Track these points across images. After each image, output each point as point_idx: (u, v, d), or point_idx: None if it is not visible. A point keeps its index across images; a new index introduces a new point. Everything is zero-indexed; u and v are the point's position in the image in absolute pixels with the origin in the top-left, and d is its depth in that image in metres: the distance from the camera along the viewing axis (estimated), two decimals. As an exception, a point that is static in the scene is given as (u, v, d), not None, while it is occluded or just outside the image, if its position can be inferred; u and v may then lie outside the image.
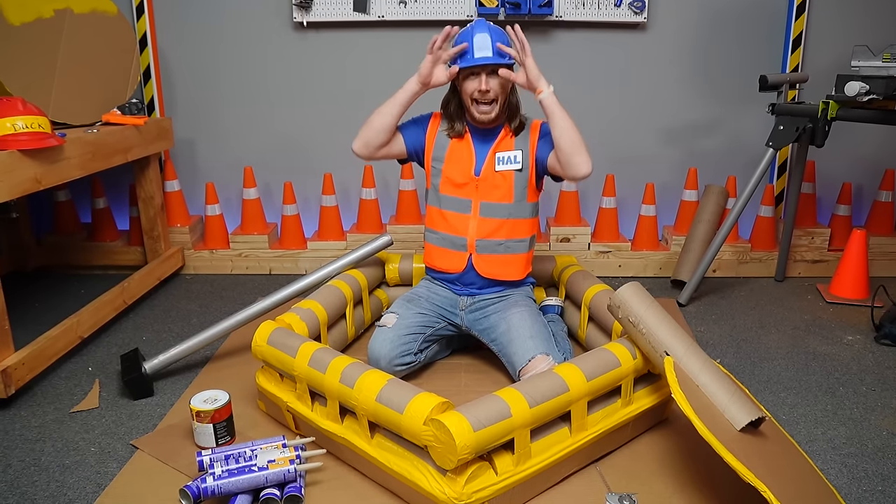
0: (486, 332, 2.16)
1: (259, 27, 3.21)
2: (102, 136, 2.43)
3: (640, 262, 3.23)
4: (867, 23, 3.18)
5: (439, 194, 2.23)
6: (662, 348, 1.65)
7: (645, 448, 1.80)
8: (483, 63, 2.04)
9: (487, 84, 2.06)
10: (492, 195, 2.17)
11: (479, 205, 2.18)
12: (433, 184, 2.25)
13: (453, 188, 2.20)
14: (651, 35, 3.21)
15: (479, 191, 2.18)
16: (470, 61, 2.06)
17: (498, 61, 2.05)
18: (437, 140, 2.23)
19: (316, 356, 1.73)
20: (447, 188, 2.21)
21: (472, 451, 1.41)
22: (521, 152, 2.17)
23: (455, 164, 2.20)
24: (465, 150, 2.20)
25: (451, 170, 2.20)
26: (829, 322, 2.68)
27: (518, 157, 2.17)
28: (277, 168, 3.40)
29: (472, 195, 2.18)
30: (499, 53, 2.05)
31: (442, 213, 2.22)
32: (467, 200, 2.19)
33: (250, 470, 1.55)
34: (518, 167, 2.16)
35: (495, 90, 2.08)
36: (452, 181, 2.19)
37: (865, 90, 2.21)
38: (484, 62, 2.04)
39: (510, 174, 2.17)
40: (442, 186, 2.21)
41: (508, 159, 2.17)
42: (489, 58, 2.04)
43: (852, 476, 1.69)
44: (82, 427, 1.92)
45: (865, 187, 3.43)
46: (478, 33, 2.05)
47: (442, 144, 2.22)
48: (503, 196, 2.17)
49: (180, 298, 2.93)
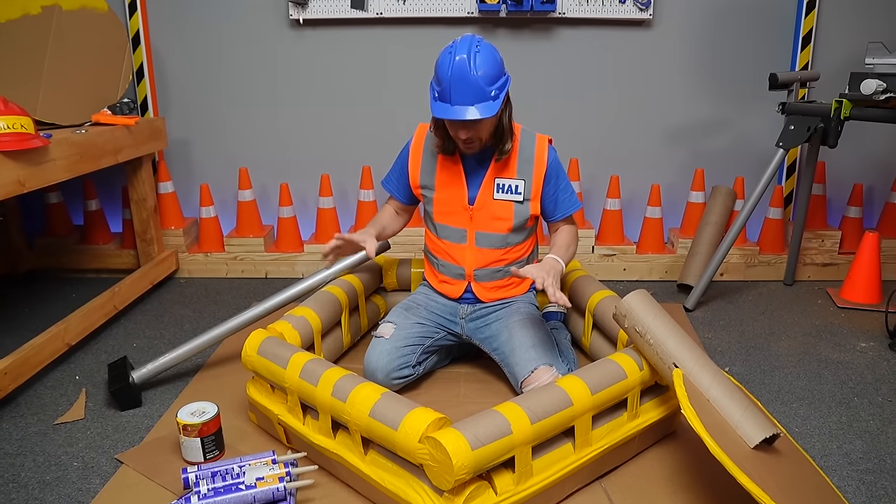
0: (487, 341, 2.08)
1: (255, 24, 3.13)
2: (91, 136, 2.36)
3: (646, 266, 3.15)
4: (878, 20, 3.09)
5: (434, 222, 2.10)
6: (671, 360, 1.57)
7: (652, 463, 1.72)
8: (459, 119, 1.77)
9: (466, 133, 1.84)
10: (488, 225, 2.02)
11: (474, 235, 2.04)
12: (426, 211, 2.13)
13: (447, 217, 2.06)
14: (656, 32, 3.13)
15: (473, 221, 2.03)
16: (446, 112, 1.77)
17: (478, 117, 1.75)
18: (422, 167, 2.08)
19: (307, 367, 1.65)
20: (441, 217, 2.07)
21: (470, 471, 1.33)
22: (523, 182, 1.99)
23: (446, 192, 2.04)
24: (455, 177, 2.03)
25: (443, 198, 2.05)
26: (841, 328, 2.59)
27: (520, 188, 1.99)
28: (274, 169, 3.32)
29: (466, 225, 2.04)
30: (481, 97, 1.76)
31: (438, 241, 2.11)
32: (462, 230, 2.05)
33: (237, 488, 1.48)
34: (519, 199, 2.00)
35: (478, 133, 1.86)
36: (445, 209, 2.05)
37: (882, 88, 2.13)
38: (460, 118, 1.77)
39: (510, 205, 2.01)
40: (436, 215, 2.08)
41: (509, 188, 1.99)
42: (467, 113, 1.76)
43: (871, 494, 1.61)
44: (66, 440, 1.84)
45: (877, 189, 3.34)
46: (457, 71, 1.73)
47: (429, 170, 2.05)
48: (500, 226, 2.02)
49: (173, 303, 2.86)
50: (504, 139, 1.94)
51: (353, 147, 3.28)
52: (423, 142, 2.10)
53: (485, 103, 1.78)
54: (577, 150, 3.17)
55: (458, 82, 1.74)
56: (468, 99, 1.76)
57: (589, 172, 3.25)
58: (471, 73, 1.74)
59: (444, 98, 1.79)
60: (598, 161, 3.27)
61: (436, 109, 1.82)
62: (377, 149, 3.24)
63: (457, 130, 1.86)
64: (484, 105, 1.78)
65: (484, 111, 1.77)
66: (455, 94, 1.76)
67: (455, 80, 1.74)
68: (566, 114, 3.18)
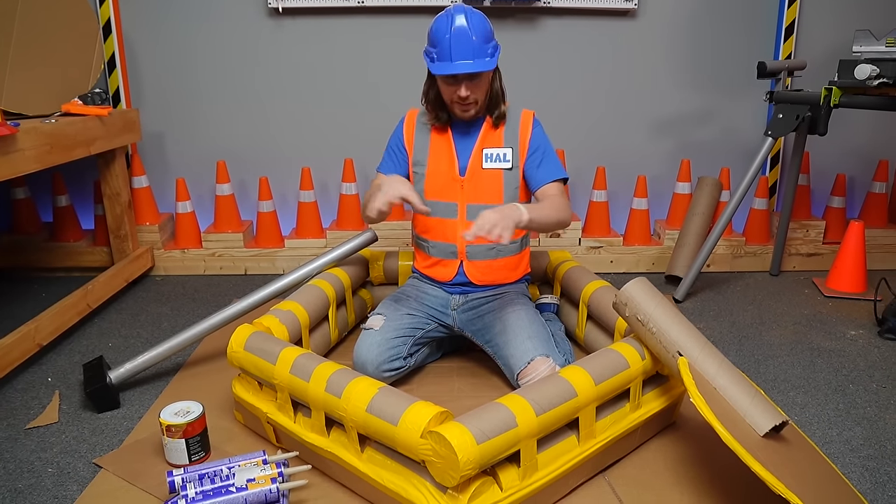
0: (480, 333, 2.02)
1: (232, 13, 3.03)
2: (61, 126, 2.25)
3: (633, 258, 3.12)
4: (859, 11, 3.10)
5: (424, 201, 2.05)
6: (675, 348, 1.53)
7: (654, 455, 1.68)
8: (461, 72, 1.83)
9: (467, 90, 1.87)
10: (479, 196, 2.01)
11: (465, 208, 2.02)
12: (416, 190, 2.06)
13: (438, 192, 2.03)
14: (641, 22, 3.10)
15: (464, 191, 2.01)
16: (446, 68, 1.84)
17: (479, 69, 1.83)
18: (415, 144, 2.06)
19: (298, 363, 1.58)
20: (432, 192, 2.04)
21: (476, 467, 1.27)
22: (510, 150, 2.01)
23: (437, 165, 2.03)
24: (445, 148, 2.04)
25: (434, 171, 2.03)
26: (830, 317, 2.59)
27: (508, 156, 2.01)
28: (252, 162, 3.22)
29: (457, 197, 2.02)
30: (480, 53, 1.84)
31: (428, 220, 2.06)
32: (453, 204, 2.02)
33: (227, 491, 1.40)
34: (508, 166, 2.01)
35: (476, 93, 1.90)
36: (436, 183, 2.02)
37: (876, 73, 2.12)
38: (462, 71, 1.83)
39: (499, 173, 2.01)
40: (427, 191, 2.04)
41: (497, 157, 2.01)
42: (468, 65, 1.82)
43: (875, 481, 1.59)
44: (39, 445, 1.74)
45: (858, 179, 3.36)
46: (456, 28, 1.82)
47: (421, 146, 2.05)
48: (491, 197, 2.01)
49: (150, 301, 2.75)
50: (498, 104, 2.00)
51: (334, 139, 3.20)
52: (415, 123, 2.09)
53: (484, 59, 1.86)
54: (563, 141, 3.13)
55: (458, 40, 1.82)
56: (468, 55, 1.84)
57: (575, 164, 3.21)
58: (469, 32, 1.82)
59: (444, 57, 1.85)
60: (583, 153, 3.23)
61: (437, 69, 1.86)
62: (359, 141, 3.17)
63: (457, 89, 1.88)
64: (483, 60, 1.86)
65: (485, 65, 1.85)
66: (455, 52, 1.83)
67: (455, 39, 1.82)
68: (551, 105, 3.13)
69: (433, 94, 2.01)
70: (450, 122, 2.04)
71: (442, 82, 1.92)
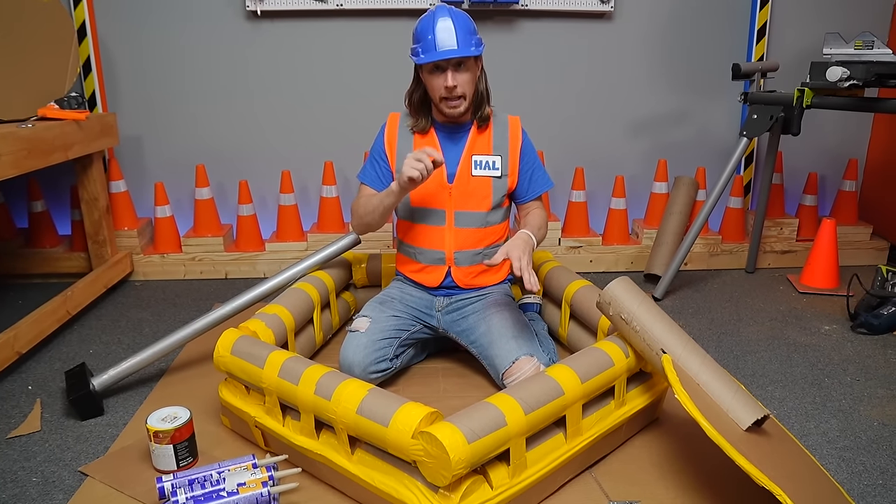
0: (464, 333, 2.04)
1: (210, 15, 3.01)
2: (38, 131, 2.21)
3: (612, 257, 3.16)
4: (829, 13, 3.19)
5: (410, 207, 2.06)
6: (658, 346, 1.57)
7: (639, 451, 1.71)
8: (447, 57, 1.86)
9: (454, 79, 1.88)
10: (467, 203, 2.01)
11: (453, 215, 2.02)
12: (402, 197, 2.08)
13: (425, 199, 2.03)
14: (617, 25, 3.15)
15: (452, 198, 2.01)
16: (432, 55, 1.86)
17: (464, 54, 1.86)
18: (398, 151, 2.04)
19: (287, 366, 1.58)
20: (418, 199, 2.04)
21: (467, 466, 1.29)
22: (500, 158, 2.02)
23: None
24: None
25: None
26: (805, 312, 2.65)
27: (497, 164, 2.02)
28: (232, 166, 3.20)
29: (445, 205, 2.02)
30: (465, 43, 1.87)
31: (415, 227, 2.07)
32: (441, 211, 2.02)
33: (218, 496, 1.40)
34: (497, 174, 2.02)
35: (463, 85, 1.91)
36: (423, 190, 2.01)
37: (847, 75, 2.18)
38: (448, 56, 1.85)
39: (488, 181, 2.02)
40: (413, 199, 2.04)
41: (486, 164, 2.01)
42: (454, 50, 1.85)
43: (852, 471, 1.64)
44: (22, 454, 1.72)
45: (829, 177, 3.44)
46: (440, 22, 1.86)
47: (405, 152, 2.01)
48: (479, 204, 2.02)
49: (130, 307, 2.72)
50: (482, 104, 2.02)
51: (314, 142, 3.19)
52: (397, 128, 2.08)
53: (469, 47, 1.89)
54: (542, 142, 3.14)
55: (443, 32, 1.86)
56: (453, 43, 1.87)
57: (553, 165, 3.24)
58: (453, 25, 1.87)
59: (429, 49, 1.88)
60: (562, 153, 3.27)
61: (423, 59, 1.88)
62: (339, 143, 3.17)
63: (444, 81, 1.89)
64: (468, 48, 1.88)
65: (470, 52, 1.88)
66: (440, 41, 1.86)
67: (439, 31, 1.86)
68: (530, 106, 3.16)
69: (417, 96, 2.02)
70: (432, 125, 2.04)
71: (429, 76, 1.92)
